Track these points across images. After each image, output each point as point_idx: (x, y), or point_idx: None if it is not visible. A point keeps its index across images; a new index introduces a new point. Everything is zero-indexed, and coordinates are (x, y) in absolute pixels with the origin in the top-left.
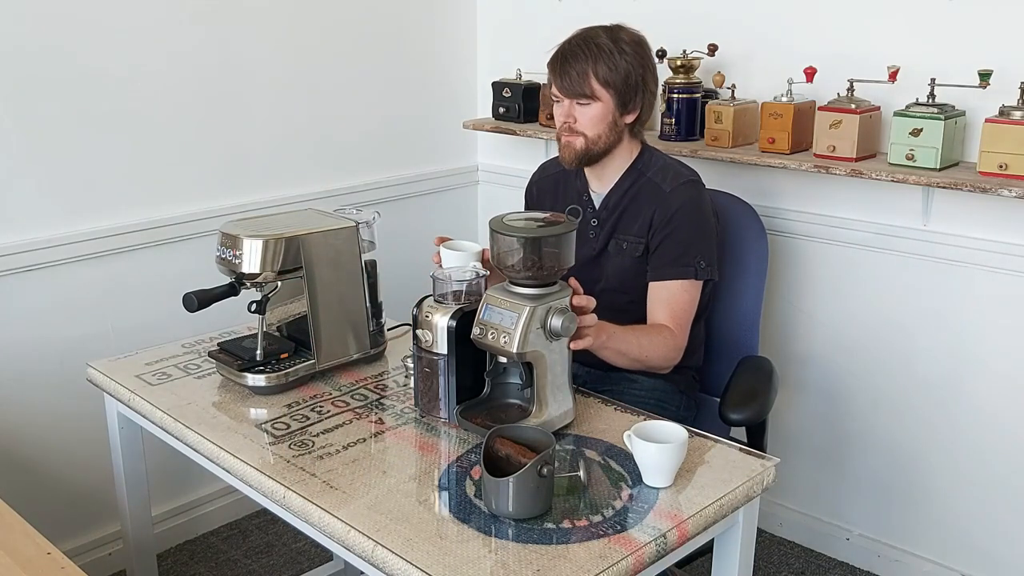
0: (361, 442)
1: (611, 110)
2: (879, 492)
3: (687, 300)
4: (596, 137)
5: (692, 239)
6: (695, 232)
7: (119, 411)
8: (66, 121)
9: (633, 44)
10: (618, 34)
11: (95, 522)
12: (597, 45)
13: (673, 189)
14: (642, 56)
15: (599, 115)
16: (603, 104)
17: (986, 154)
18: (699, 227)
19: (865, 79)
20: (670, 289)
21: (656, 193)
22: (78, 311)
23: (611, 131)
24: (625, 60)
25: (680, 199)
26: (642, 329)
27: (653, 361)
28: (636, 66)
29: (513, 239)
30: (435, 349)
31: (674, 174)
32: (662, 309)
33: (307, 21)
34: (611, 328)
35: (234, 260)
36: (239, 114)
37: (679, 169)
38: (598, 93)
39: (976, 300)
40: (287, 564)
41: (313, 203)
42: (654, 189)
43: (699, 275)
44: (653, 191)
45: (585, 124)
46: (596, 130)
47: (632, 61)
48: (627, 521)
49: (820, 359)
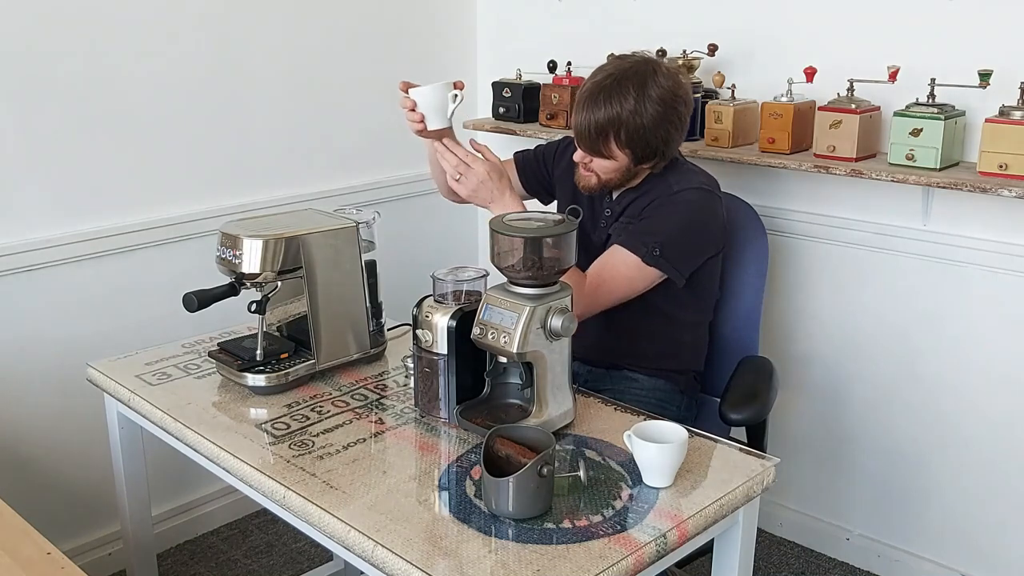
0: (361, 442)
1: (627, 164)
2: (879, 492)
3: (622, 272)
4: (608, 180)
5: (664, 228)
6: (673, 224)
7: (119, 411)
8: (66, 122)
9: (661, 101)
10: (648, 89)
11: (95, 522)
12: (622, 106)
13: (680, 190)
14: (668, 113)
15: (613, 167)
16: (618, 162)
17: (986, 154)
18: (679, 223)
19: (865, 79)
20: (616, 254)
21: (665, 190)
22: (78, 311)
23: (626, 175)
24: (647, 122)
25: (681, 196)
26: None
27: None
28: (661, 125)
29: (513, 239)
30: (435, 349)
31: (690, 177)
32: (597, 263)
33: (307, 21)
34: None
35: (234, 260)
36: (239, 114)
37: (698, 176)
38: (614, 154)
39: (976, 300)
40: (287, 564)
41: (313, 203)
42: (664, 186)
43: (646, 258)
44: (664, 188)
45: (599, 170)
46: (608, 176)
47: (655, 122)
48: (627, 521)
49: (820, 359)
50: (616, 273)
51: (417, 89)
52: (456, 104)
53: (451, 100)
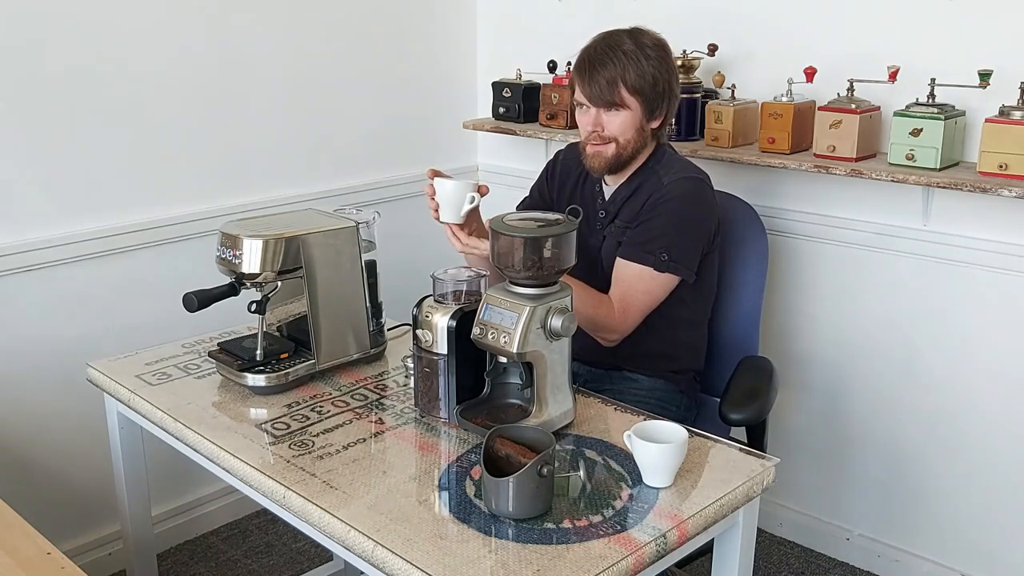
0: (361, 442)
1: (639, 117)
2: (879, 492)
3: (641, 288)
4: (626, 143)
5: (666, 230)
6: (671, 224)
7: (119, 411)
8: (66, 121)
9: (657, 48)
10: (641, 38)
11: (95, 522)
12: (624, 52)
13: (671, 182)
14: (666, 60)
15: (628, 122)
16: (631, 112)
17: (986, 154)
18: (679, 220)
19: (865, 79)
20: (627, 270)
21: (656, 184)
22: (78, 311)
23: (639, 137)
24: (652, 66)
25: (674, 191)
26: (586, 287)
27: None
28: (663, 71)
29: (513, 239)
30: (435, 349)
31: (679, 168)
32: (616, 286)
33: (307, 21)
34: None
35: (234, 260)
36: (239, 114)
37: (686, 166)
38: (627, 101)
39: (976, 300)
40: (287, 564)
41: (313, 203)
42: (655, 181)
43: (658, 266)
44: (654, 182)
45: (615, 130)
46: (626, 136)
47: (658, 66)
48: (627, 521)
49: (820, 359)
50: (635, 290)
51: (440, 181)
52: (471, 206)
53: (467, 201)
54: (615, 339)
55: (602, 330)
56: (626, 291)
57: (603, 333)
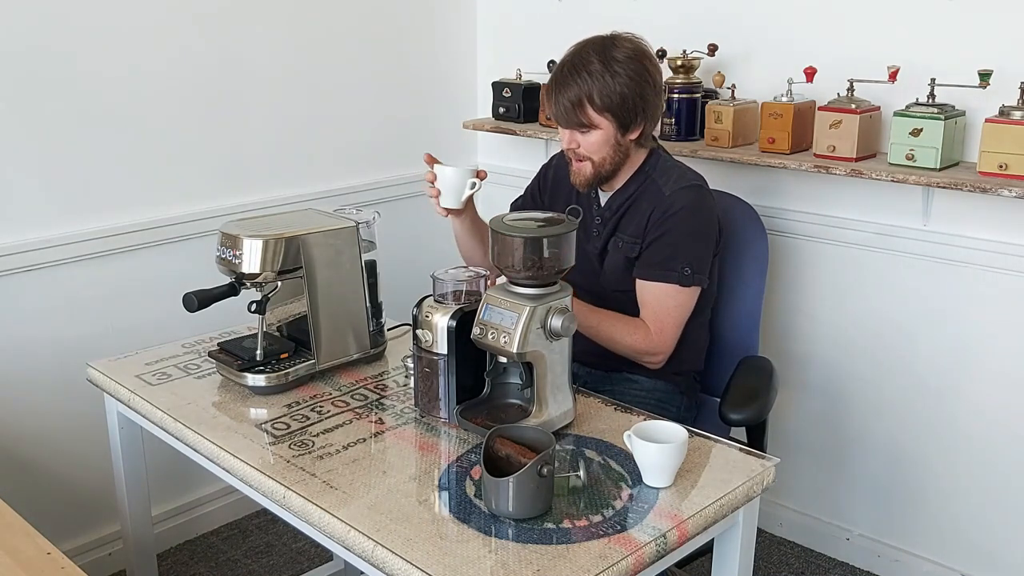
0: (361, 442)
1: (612, 134)
2: (879, 492)
3: (671, 305)
4: (602, 160)
5: (681, 244)
6: (686, 237)
7: (119, 411)
8: (67, 121)
9: (628, 60)
10: (611, 52)
11: (95, 522)
12: (588, 71)
13: (673, 192)
14: (639, 71)
15: (600, 140)
16: (602, 131)
17: (986, 154)
18: (691, 232)
19: (865, 79)
20: (653, 291)
21: (656, 195)
22: (78, 311)
23: (616, 151)
24: (619, 83)
25: (678, 202)
26: (616, 315)
27: (619, 345)
28: (633, 84)
29: (513, 239)
30: (435, 349)
31: (677, 176)
32: (645, 308)
33: (307, 21)
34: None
35: (234, 260)
36: (239, 114)
37: (684, 172)
38: (595, 120)
39: (976, 300)
40: (287, 564)
41: (313, 203)
42: (655, 191)
43: (683, 281)
44: (654, 193)
45: (589, 149)
46: (601, 154)
47: (626, 81)
48: (627, 521)
49: (820, 359)
50: (666, 307)
51: (439, 167)
52: (472, 191)
53: (468, 187)
54: (660, 359)
55: (645, 354)
56: (658, 311)
57: (647, 357)
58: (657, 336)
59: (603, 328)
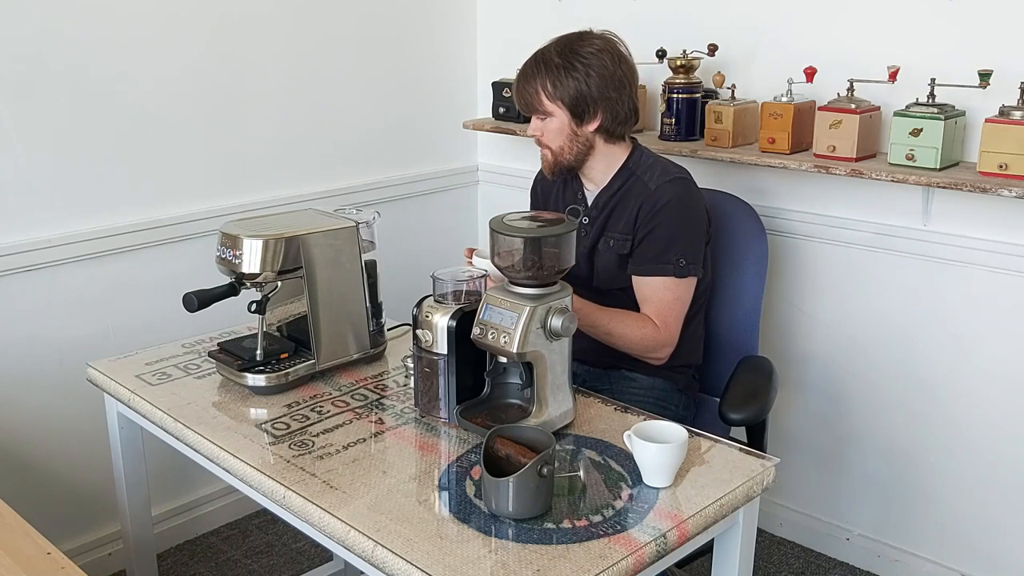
0: (361, 442)
1: (567, 123)
2: (879, 492)
3: (671, 297)
4: (560, 149)
5: (674, 236)
6: (677, 229)
7: (119, 411)
8: (67, 122)
9: (591, 55)
10: (574, 46)
11: (95, 522)
12: (546, 64)
13: (659, 186)
14: (599, 65)
15: (556, 128)
16: (557, 119)
17: (986, 154)
18: (682, 224)
19: (865, 79)
20: (651, 285)
21: (642, 190)
22: (78, 311)
23: (573, 141)
24: (574, 76)
25: (665, 195)
26: (624, 312)
27: (629, 342)
28: (590, 78)
29: (513, 239)
30: (435, 349)
31: (661, 171)
32: (647, 304)
33: (308, 21)
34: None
35: (234, 260)
36: (239, 114)
37: (667, 166)
38: (549, 109)
39: (976, 300)
40: (287, 564)
41: (313, 203)
42: (641, 187)
43: (679, 273)
44: (640, 189)
45: (548, 138)
46: (557, 142)
47: (581, 76)
48: (627, 521)
49: (820, 359)
50: (666, 301)
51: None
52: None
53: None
54: (666, 353)
55: (652, 349)
56: (658, 305)
57: (655, 352)
58: (663, 329)
59: (614, 326)
